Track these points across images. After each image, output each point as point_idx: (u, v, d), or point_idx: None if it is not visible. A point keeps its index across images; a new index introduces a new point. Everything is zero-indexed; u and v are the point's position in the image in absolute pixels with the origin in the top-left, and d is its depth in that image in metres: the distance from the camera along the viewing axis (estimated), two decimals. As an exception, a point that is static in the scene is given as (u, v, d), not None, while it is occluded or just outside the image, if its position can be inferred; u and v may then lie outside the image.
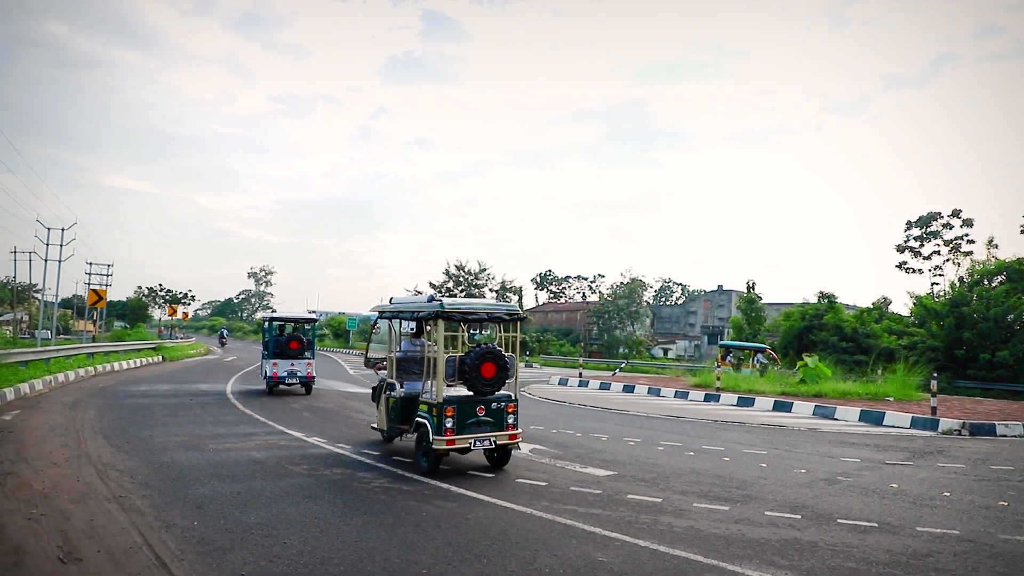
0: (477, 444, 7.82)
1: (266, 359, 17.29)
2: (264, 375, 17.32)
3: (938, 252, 43.75)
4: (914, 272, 44.99)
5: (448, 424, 7.60)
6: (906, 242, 45.00)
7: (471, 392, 8.06)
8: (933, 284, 42.37)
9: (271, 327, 17.81)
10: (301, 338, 17.45)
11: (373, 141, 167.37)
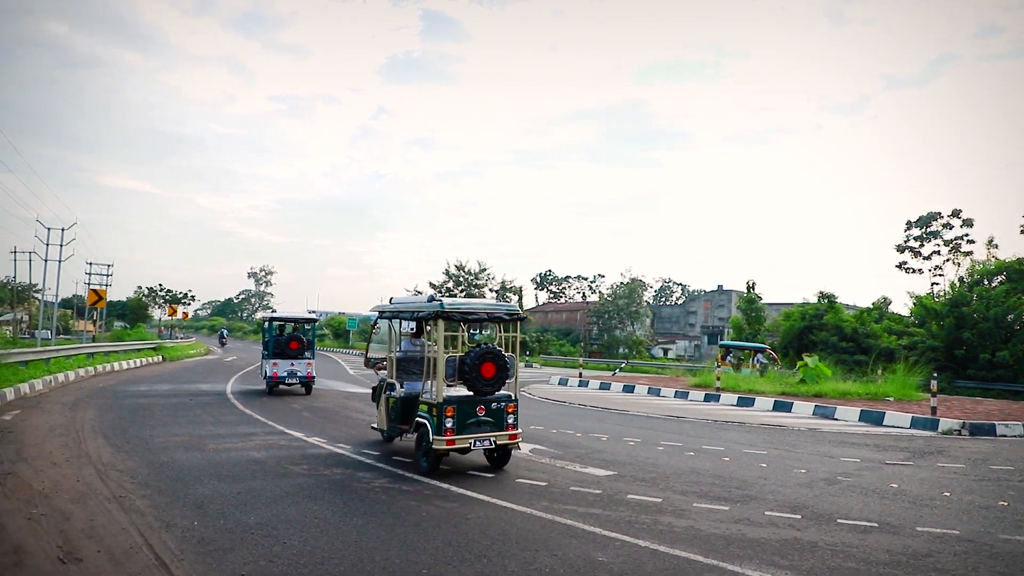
0: (477, 444, 7.80)
1: (266, 359, 17.33)
2: (264, 375, 17.35)
3: (938, 252, 43.79)
4: (914, 272, 45.04)
5: (448, 424, 7.58)
6: (906, 242, 45.01)
7: (471, 392, 8.05)
8: (933, 284, 42.42)
9: (271, 327, 17.86)
10: (301, 338, 17.48)
11: (373, 141, 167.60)
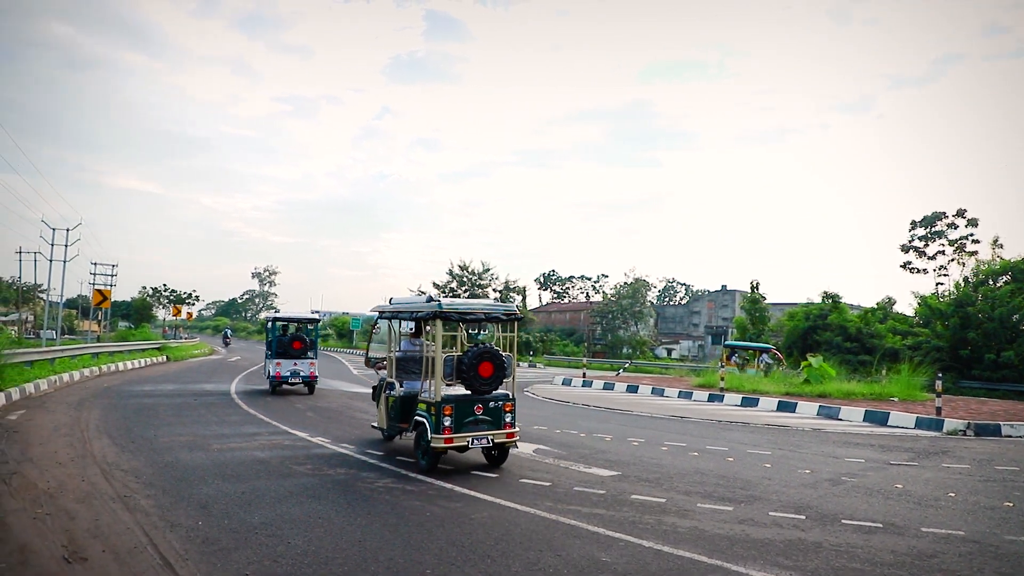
0: (475, 442, 7.85)
1: (269, 359, 17.41)
2: (267, 375, 17.41)
3: (943, 252, 43.54)
4: (919, 272, 44.79)
5: (446, 422, 7.65)
6: (911, 242, 44.80)
7: (469, 391, 8.10)
8: (938, 284, 42.25)
9: (274, 327, 17.98)
10: (304, 338, 17.55)
11: (377, 141, 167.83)
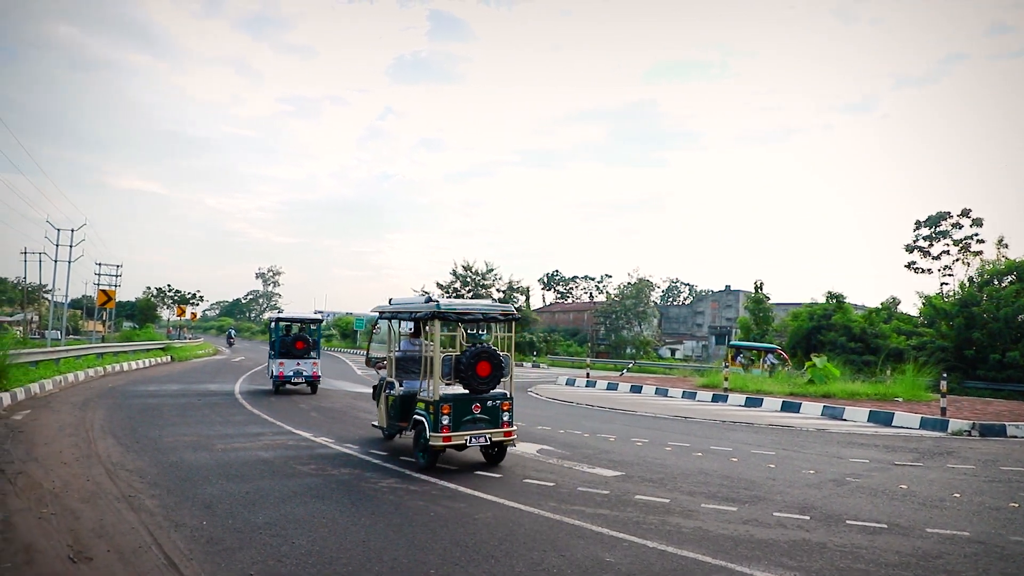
0: (473, 441, 7.91)
1: (272, 359, 17.48)
2: (271, 375, 17.47)
3: (947, 252, 43.35)
4: (923, 272, 44.61)
5: (444, 421, 7.72)
6: (915, 242, 44.63)
7: (467, 390, 8.15)
8: (942, 284, 42.05)
9: (277, 327, 18.06)
10: (307, 338, 17.63)
11: (381, 142, 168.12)
